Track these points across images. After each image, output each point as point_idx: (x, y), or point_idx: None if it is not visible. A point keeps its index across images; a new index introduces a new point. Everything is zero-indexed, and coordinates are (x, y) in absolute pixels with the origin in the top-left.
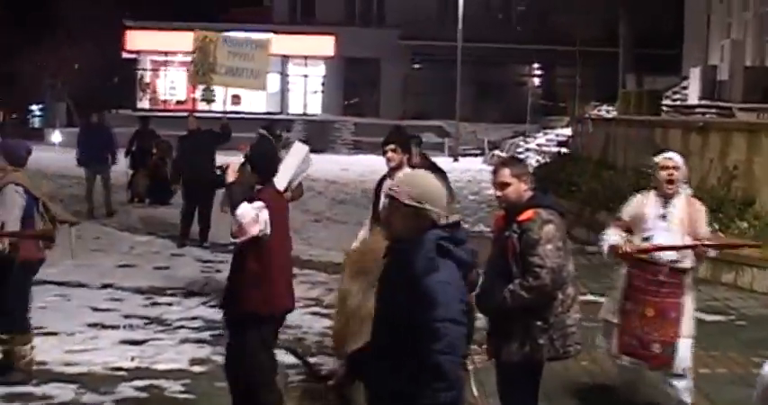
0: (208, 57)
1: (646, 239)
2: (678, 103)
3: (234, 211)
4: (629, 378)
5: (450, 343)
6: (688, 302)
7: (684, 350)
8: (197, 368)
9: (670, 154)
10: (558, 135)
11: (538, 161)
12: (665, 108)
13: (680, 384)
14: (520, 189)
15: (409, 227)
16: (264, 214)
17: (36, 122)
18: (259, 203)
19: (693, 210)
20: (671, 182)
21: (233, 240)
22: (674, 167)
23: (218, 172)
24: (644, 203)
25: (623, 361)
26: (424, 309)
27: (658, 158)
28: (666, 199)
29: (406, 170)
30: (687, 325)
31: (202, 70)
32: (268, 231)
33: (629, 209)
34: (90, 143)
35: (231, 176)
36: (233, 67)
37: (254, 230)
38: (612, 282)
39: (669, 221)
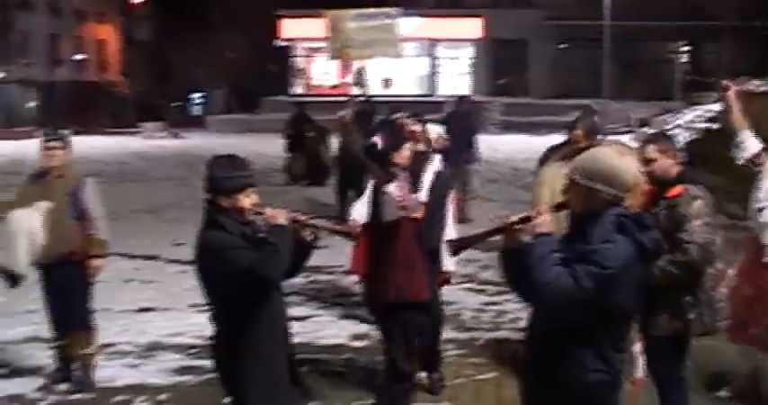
0: (341, 33)
1: (759, 211)
2: None
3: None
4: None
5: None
6: None
7: None
8: (357, 343)
9: None
10: (707, 111)
11: (688, 137)
12: None
13: None
14: (666, 165)
15: (581, 205)
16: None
17: (196, 110)
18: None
19: None
20: None
21: None
22: None
23: None
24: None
25: None
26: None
27: None
28: None
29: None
30: None
31: (336, 46)
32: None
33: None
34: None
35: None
36: (367, 39)
37: None
38: None
39: None
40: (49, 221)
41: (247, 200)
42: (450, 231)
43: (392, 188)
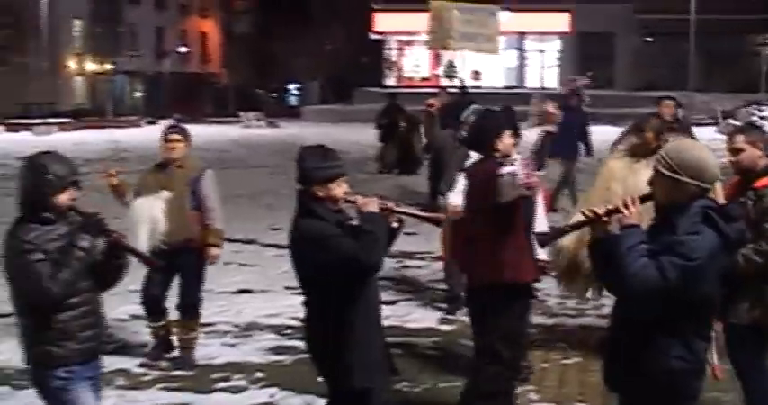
0: (443, 24)
1: None
2: None
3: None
4: None
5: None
6: None
7: None
8: (445, 327)
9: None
10: None
11: None
12: None
13: None
14: (754, 155)
15: (667, 197)
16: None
17: (292, 101)
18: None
19: None
20: None
21: None
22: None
23: None
24: None
25: None
26: (668, 254)
27: None
28: None
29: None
30: None
31: (439, 36)
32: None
33: None
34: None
35: None
36: (468, 32)
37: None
38: None
39: None
40: (170, 210)
41: (339, 189)
42: (542, 223)
43: (514, 168)
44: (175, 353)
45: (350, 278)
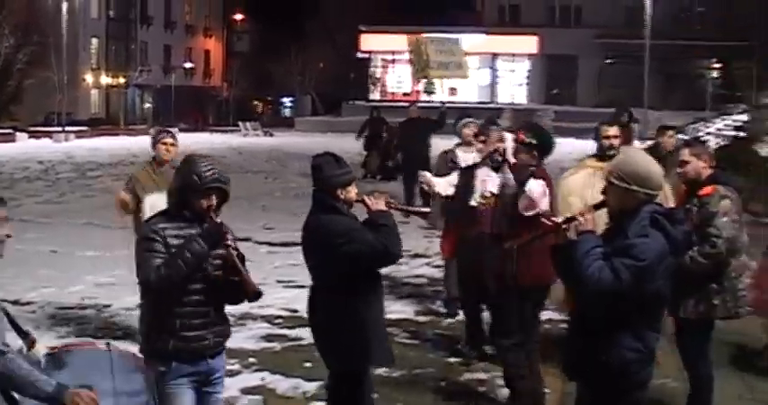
0: (422, 56)
1: None
2: None
3: (521, 188)
4: None
5: (625, 286)
6: None
7: None
8: (421, 318)
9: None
10: (735, 121)
11: (718, 143)
12: None
13: None
14: (698, 167)
15: (618, 204)
16: (547, 191)
17: (287, 112)
18: (543, 182)
19: None
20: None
21: (526, 214)
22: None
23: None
24: None
25: None
26: (621, 256)
27: None
28: None
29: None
30: None
31: (419, 67)
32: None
33: None
34: None
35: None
36: (442, 61)
37: (543, 205)
38: None
39: None
40: None
41: (354, 191)
42: None
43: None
44: None
45: (372, 266)
